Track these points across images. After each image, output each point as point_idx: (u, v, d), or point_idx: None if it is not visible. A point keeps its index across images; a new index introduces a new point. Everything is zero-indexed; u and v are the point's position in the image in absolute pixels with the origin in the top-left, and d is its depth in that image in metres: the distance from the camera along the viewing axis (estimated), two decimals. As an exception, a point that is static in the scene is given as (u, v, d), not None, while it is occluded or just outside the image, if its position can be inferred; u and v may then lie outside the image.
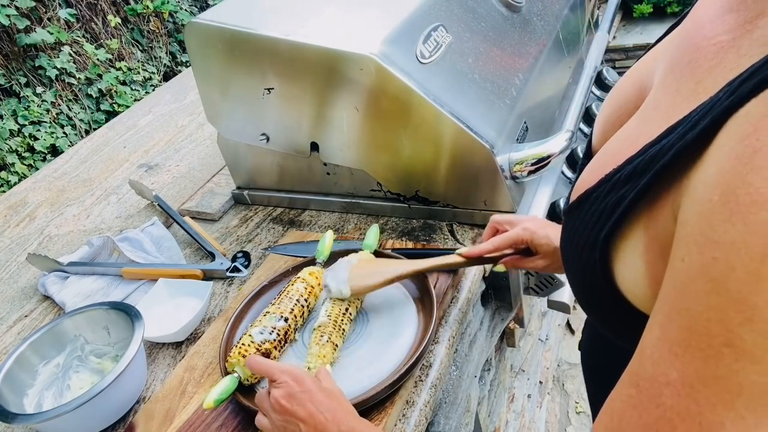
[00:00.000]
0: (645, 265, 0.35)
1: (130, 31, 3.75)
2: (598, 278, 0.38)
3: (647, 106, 0.41)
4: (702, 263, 0.29)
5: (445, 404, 0.86)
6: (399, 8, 0.91)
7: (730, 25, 0.35)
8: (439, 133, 0.86)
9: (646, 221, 0.35)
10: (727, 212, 0.27)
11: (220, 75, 0.96)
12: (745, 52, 0.32)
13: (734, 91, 0.29)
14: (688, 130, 0.32)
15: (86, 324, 0.81)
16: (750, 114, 0.28)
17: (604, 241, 0.37)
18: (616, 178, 0.37)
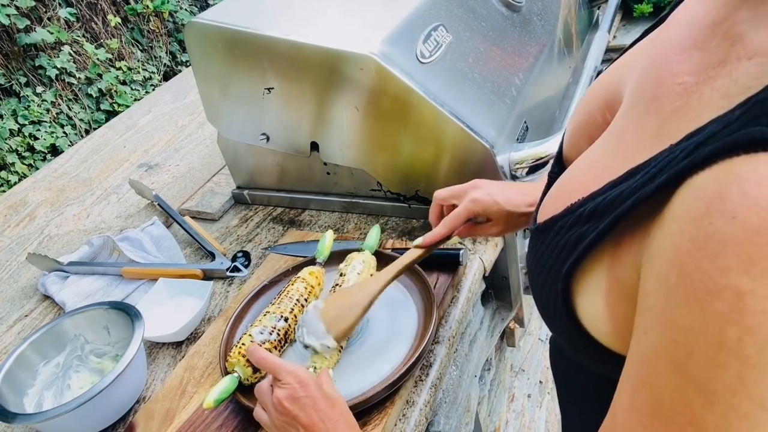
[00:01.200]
0: (606, 305, 0.36)
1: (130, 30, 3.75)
2: (561, 309, 0.39)
3: (613, 134, 0.41)
4: (663, 343, 0.29)
5: (445, 404, 0.86)
6: (399, 8, 0.91)
7: (694, 65, 0.34)
8: (439, 133, 0.86)
9: (609, 262, 0.35)
10: (684, 296, 0.27)
11: (220, 75, 0.96)
12: (707, 101, 0.32)
13: (691, 152, 0.29)
14: (646, 182, 0.32)
15: (86, 324, 0.81)
16: (703, 188, 0.28)
17: (566, 275, 0.37)
18: (579, 212, 0.37)
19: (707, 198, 0.27)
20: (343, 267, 0.78)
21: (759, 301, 0.25)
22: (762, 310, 0.24)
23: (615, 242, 0.35)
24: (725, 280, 0.26)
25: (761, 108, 0.27)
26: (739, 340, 0.25)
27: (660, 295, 0.29)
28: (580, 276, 0.37)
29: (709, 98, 0.32)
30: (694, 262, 0.27)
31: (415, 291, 0.80)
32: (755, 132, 0.26)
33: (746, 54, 0.31)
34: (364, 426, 0.66)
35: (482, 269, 0.89)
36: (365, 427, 0.65)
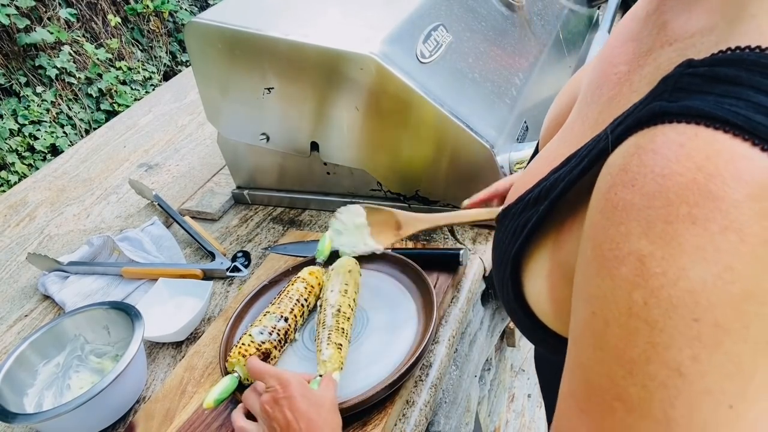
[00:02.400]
0: (548, 287, 0.36)
1: (130, 30, 3.75)
2: (510, 292, 0.39)
3: (566, 127, 0.42)
4: (585, 318, 0.29)
5: (445, 404, 0.86)
6: (399, 8, 0.91)
7: (628, 55, 0.35)
8: (439, 133, 0.86)
9: (552, 245, 0.36)
10: (597, 267, 0.28)
11: (220, 75, 0.96)
12: (636, 87, 0.33)
13: (606, 137, 0.30)
14: (575, 165, 0.33)
15: (86, 323, 0.81)
16: (612, 165, 0.29)
17: (513, 259, 0.38)
18: (528, 198, 0.38)
19: (614, 171, 0.28)
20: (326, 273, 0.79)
21: (658, 262, 0.25)
22: (662, 271, 0.25)
23: (557, 226, 0.36)
24: (628, 245, 0.26)
25: (663, 85, 0.28)
26: (645, 304, 0.25)
27: (580, 271, 0.30)
28: (527, 259, 0.38)
29: (638, 85, 0.33)
30: (603, 232, 0.28)
31: (415, 291, 0.80)
32: (654, 107, 0.27)
33: (668, 40, 0.32)
34: (364, 426, 0.66)
35: (482, 269, 0.89)
36: (365, 427, 0.65)
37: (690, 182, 0.24)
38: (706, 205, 0.24)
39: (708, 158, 0.24)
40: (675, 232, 0.24)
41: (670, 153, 0.25)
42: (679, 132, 0.25)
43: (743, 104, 0.24)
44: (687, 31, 0.31)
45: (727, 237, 0.23)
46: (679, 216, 0.24)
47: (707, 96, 0.25)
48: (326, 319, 0.71)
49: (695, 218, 0.24)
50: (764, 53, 0.25)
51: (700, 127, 0.25)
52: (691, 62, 0.28)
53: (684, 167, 0.24)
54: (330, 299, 0.74)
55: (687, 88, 0.27)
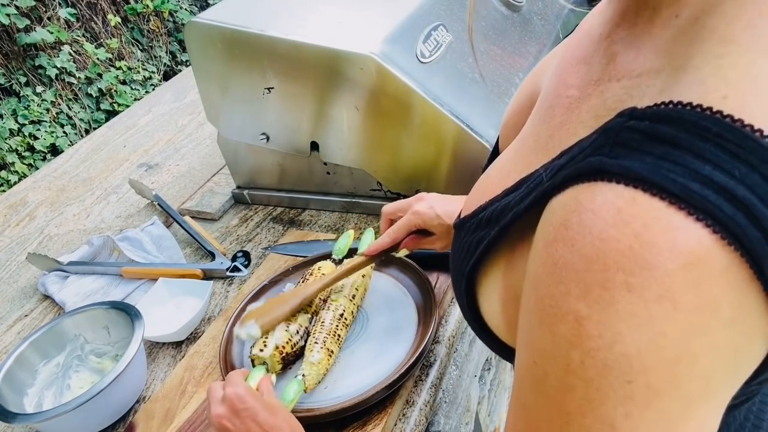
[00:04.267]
0: (501, 305, 0.37)
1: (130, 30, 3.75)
2: (465, 306, 0.40)
3: (520, 139, 0.42)
4: (527, 364, 0.30)
5: (445, 404, 0.86)
6: (399, 8, 0.91)
7: (580, 79, 0.35)
8: (439, 133, 0.86)
9: (505, 266, 0.36)
10: (538, 319, 0.29)
11: (220, 74, 0.96)
12: (583, 119, 0.33)
13: (553, 174, 0.30)
14: (523, 197, 0.33)
15: (86, 323, 0.81)
16: (554, 214, 0.29)
17: (468, 274, 0.39)
18: (481, 216, 0.39)
19: (556, 224, 0.28)
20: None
21: (595, 325, 0.26)
22: (598, 334, 0.25)
23: (510, 249, 0.36)
24: (567, 305, 0.27)
25: (605, 137, 0.28)
26: (581, 363, 0.26)
27: (524, 317, 0.31)
28: (481, 276, 0.39)
29: (585, 116, 0.33)
30: (544, 287, 0.28)
31: (415, 291, 0.80)
32: (595, 161, 0.27)
33: (616, 75, 0.32)
34: (364, 426, 0.66)
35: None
36: (365, 427, 0.66)
37: (627, 249, 0.25)
38: (641, 274, 0.24)
39: (645, 226, 0.24)
40: (611, 298, 0.25)
41: (608, 216, 0.25)
42: (618, 194, 0.25)
43: (680, 170, 0.24)
44: (634, 70, 0.30)
45: (661, 305, 0.24)
46: (615, 283, 0.25)
47: (646, 156, 0.25)
48: (326, 319, 0.71)
49: (631, 286, 0.24)
50: (704, 113, 0.25)
51: (638, 191, 0.25)
52: (633, 113, 0.27)
53: (621, 233, 0.25)
54: (338, 300, 0.74)
55: (627, 144, 0.26)
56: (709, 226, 0.23)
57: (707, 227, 0.23)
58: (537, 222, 0.31)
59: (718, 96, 0.25)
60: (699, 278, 0.24)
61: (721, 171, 0.24)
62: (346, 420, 0.66)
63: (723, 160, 0.24)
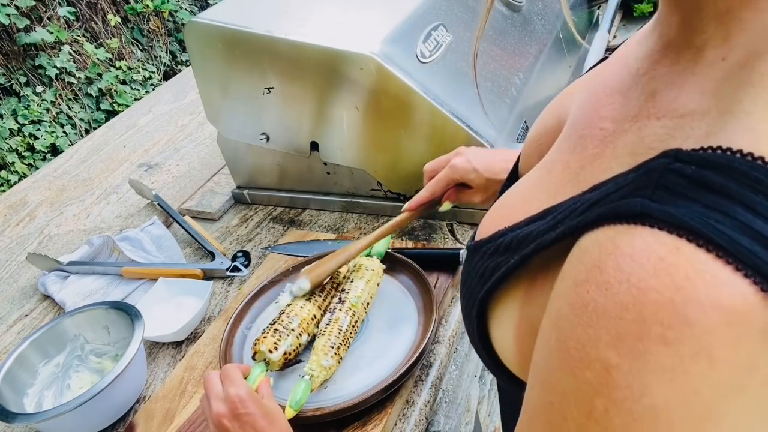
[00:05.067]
0: (515, 338, 0.36)
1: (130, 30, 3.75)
2: (475, 332, 0.39)
3: (545, 164, 0.40)
4: (542, 403, 0.29)
5: (445, 404, 0.86)
6: (399, 8, 0.91)
7: (615, 111, 0.34)
8: (439, 133, 0.86)
9: (523, 297, 0.35)
10: (560, 360, 0.28)
11: (220, 74, 0.96)
12: (618, 154, 0.32)
13: (586, 210, 0.29)
14: (549, 228, 0.32)
15: (86, 323, 0.81)
16: (587, 253, 0.28)
17: (481, 301, 0.38)
18: (500, 241, 0.37)
19: (588, 264, 0.27)
20: (352, 273, 0.78)
21: (624, 375, 0.25)
22: (627, 384, 0.25)
23: (530, 279, 0.35)
24: (595, 352, 0.26)
25: (646, 178, 0.27)
26: (605, 412, 0.25)
27: (542, 354, 0.30)
28: (494, 304, 0.37)
29: (621, 152, 0.32)
30: (570, 328, 0.27)
31: (415, 291, 0.80)
32: (635, 204, 0.26)
33: (656, 113, 0.31)
34: (364, 426, 0.66)
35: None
36: (365, 427, 0.66)
37: (666, 302, 0.24)
38: (680, 329, 0.23)
39: (688, 279, 0.23)
40: (645, 349, 0.24)
41: (648, 265, 0.24)
42: (661, 242, 0.24)
43: (729, 222, 0.23)
44: (676, 110, 0.29)
45: (697, 362, 0.23)
46: (651, 335, 0.24)
47: (692, 204, 0.24)
48: (344, 324, 0.71)
49: (668, 340, 0.24)
50: (755, 163, 0.24)
51: (683, 240, 0.24)
52: (678, 154, 0.26)
53: (662, 284, 0.24)
54: (356, 306, 0.73)
55: (671, 188, 0.25)
56: (758, 284, 0.22)
57: (755, 284, 0.22)
58: (562, 256, 0.30)
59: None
60: (740, 336, 0.23)
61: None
62: (346, 420, 0.66)
63: None
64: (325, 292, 0.75)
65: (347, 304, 0.73)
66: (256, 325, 0.80)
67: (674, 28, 0.31)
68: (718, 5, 0.28)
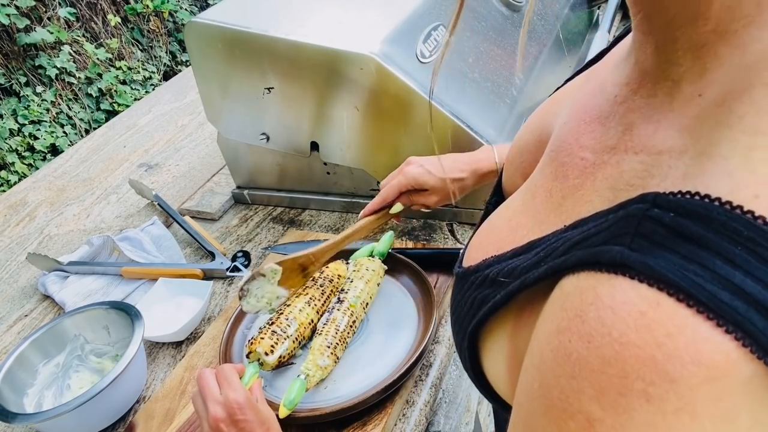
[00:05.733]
0: (507, 369, 0.36)
1: (130, 30, 3.75)
2: (467, 362, 0.39)
3: (529, 188, 0.40)
4: None
5: (445, 404, 0.86)
6: (399, 8, 0.91)
7: (595, 140, 0.33)
8: (439, 133, 0.86)
9: (512, 329, 0.35)
10: (544, 408, 0.28)
11: (220, 74, 0.96)
12: (598, 187, 0.32)
13: (567, 250, 0.29)
14: (533, 265, 0.32)
15: (86, 323, 0.81)
16: (568, 299, 0.27)
17: (471, 333, 0.37)
18: (486, 273, 0.37)
19: (570, 311, 0.27)
20: (352, 273, 0.78)
21: (607, 429, 0.25)
22: None
23: (517, 312, 0.34)
24: (578, 404, 0.26)
25: (625, 224, 0.26)
26: None
27: (525, 397, 0.30)
28: (485, 336, 0.37)
29: (600, 185, 0.31)
30: (554, 377, 0.27)
31: (415, 291, 0.80)
32: (615, 253, 0.26)
33: (633, 147, 0.30)
34: (364, 426, 0.66)
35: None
36: (365, 427, 0.66)
37: (648, 358, 0.24)
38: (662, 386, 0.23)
39: (669, 335, 0.23)
40: (628, 404, 0.24)
41: (630, 319, 0.24)
42: (641, 296, 0.24)
43: (709, 275, 0.23)
44: (654, 146, 0.29)
45: (679, 418, 0.23)
46: (633, 390, 0.24)
47: (671, 254, 0.24)
48: (341, 324, 0.71)
49: (650, 396, 0.24)
50: (734, 213, 0.23)
51: (663, 294, 0.24)
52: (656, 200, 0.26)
53: (643, 340, 0.24)
54: (355, 306, 0.73)
55: (650, 236, 0.25)
56: (739, 339, 0.22)
57: (736, 340, 0.22)
58: (547, 292, 0.30)
59: (749, 194, 0.23)
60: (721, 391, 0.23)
61: (753, 279, 0.22)
62: (346, 420, 0.66)
63: (755, 268, 0.22)
64: (324, 296, 0.75)
65: (345, 304, 0.73)
66: (255, 325, 0.80)
67: (650, 57, 0.30)
68: (693, 38, 0.27)
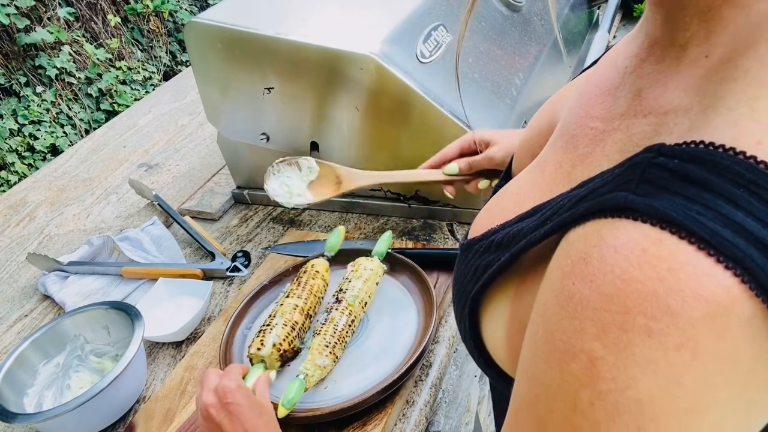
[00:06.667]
0: (506, 336, 0.36)
1: (130, 30, 3.75)
2: (467, 329, 0.39)
3: (538, 163, 0.41)
4: (528, 397, 0.29)
5: (445, 404, 0.86)
6: (399, 8, 0.91)
7: (604, 110, 0.34)
8: (439, 133, 0.86)
9: (514, 295, 0.35)
10: (546, 353, 0.28)
11: (220, 74, 0.96)
12: (607, 152, 0.32)
13: (573, 205, 0.29)
14: (538, 225, 0.32)
15: (86, 323, 0.81)
16: (572, 246, 0.28)
17: (473, 299, 0.38)
18: (492, 239, 0.37)
19: (574, 256, 0.27)
20: (350, 273, 0.78)
21: (609, 368, 0.25)
22: (612, 377, 0.25)
23: (521, 276, 0.35)
24: (581, 343, 0.26)
25: (631, 172, 0.27)
26: (590, 404, 0.26)
27: (529, 348, 0.30)
28: (486, 302, 0.38)
29: (610, 150, 0.32)
30: (557, 320, 0.27)
31: (415, 291, 0.80)
32: (620, 197, 0.26)
33: (642, 110, 0.31)
34: (364, 426, 0.66)
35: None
36: (365, 427, 0.66)
37: (650, 293, 0.24)
38: (663, 320, 0.24)
39: (670, 270, 0.24)
40: (629, 341, 0.24)
41: (632, 256, 0.25)
42: (644, 234, 0.25)
43: (711, 214, 0.24)
44: (662, 107, 0.30)
45: (680, 354, 0.23)
46: (635, 326, 0.24)
47: (675, 197, 0.25)
48: (340, 323, 0.71)
49: (651, 331, 0.24)
50: (737, 158, 0.24)
51: (665, 232, 0.24)
52: (662, 149, 0.26)
53: (645, 275, 0.24)
54: (353, 305, 0.73)
55: (655, 181, 0.26)
56: (738, 276, 0.23)
57: (736, 276, 0.23)
58: (550, 252, 0.30)
59: (752, 140, 0.24)
60: (722, 328, 0.23)
61: (753, 219, 0.23)
62: (346, 420, 0.66)
63: (756, 209, 0.23)
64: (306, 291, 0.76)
65: (344, 304, 0.73)
66: (256, 325, 0.80)
67: (659, 27, 0.32)
68: (700, 3, 0.28)
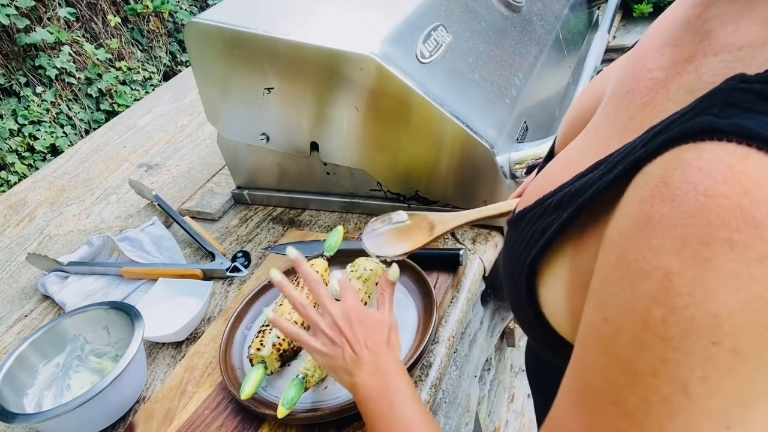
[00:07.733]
0: (566, 296, 0.36)
1: (130, 30, 3.74)
2: (524, 299, 0.39)
3: (590, 129, 0.41)
4: (595, 322, 0.29)
5: (445, 404, 0.86)
6: (399, 8, 0.91)
7: (666, 60, 0.34)
8: (439, 133, 0.86)
9: (572, 253, 0.35)
10: (619, 275, 0.28)
11: (219, 75, 0.96)
12: (673, 96, 0.32)
13: (647, 143, 0.29)
14: (606, 172, 0.32)
15: (86, 324, 0.81)
16: (651, 175, 0.28)
17: (530, 265, 0.37)
18: (548, 203, 0.37)
19: (653, 182, 0.27)
20: (350, 273, 0.78)
21: (686, 282, 0.25)
22: (688, 291, 0.24)
23: (578, 233, 0.35)
24: (656, 260, 0.26)
25: (713, 98, 0.27)
26: (663, 321, 0.25)
27: (599, 277, 0.30)
28: (544, 266, 0.37)
29: (675, 93, 0.32)
30: (631, 242, 0.27)
31: (415, 291, 0.80)
32: (703, 121, 0.26)
33: (712, 50, 0.31)
34: (364, 426, 0.66)
35: (482, 269, 0.89)
36: (365, 427, 0.65)
37: (735, 206, 0.23)
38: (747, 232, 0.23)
39: (757, 183, 0.23)
40: (711, 254, 0.24)
41: (717, 173, 0.24)
42: (729, 152, 0.24)
43: None
44: (734, 43, 0.30)
45: (763, 266, 0.23)
46: (717, 239, 0.24)
47: (761, 116, 0.24)
48: None
49: (734, 243, 0.23)
50: None
51: (752, 149, 0.24)
52: (744, 77, 0.27)
53: (731, 190, 0.24)
54: None
55: (739, 104, 0.26)
56: None
57: None
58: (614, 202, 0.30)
59: None
60: None
61: None
62: (346, 420, 0.66)
63: None
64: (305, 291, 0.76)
65: None
66: (256, 325, 0.80)
67: None
68: None
